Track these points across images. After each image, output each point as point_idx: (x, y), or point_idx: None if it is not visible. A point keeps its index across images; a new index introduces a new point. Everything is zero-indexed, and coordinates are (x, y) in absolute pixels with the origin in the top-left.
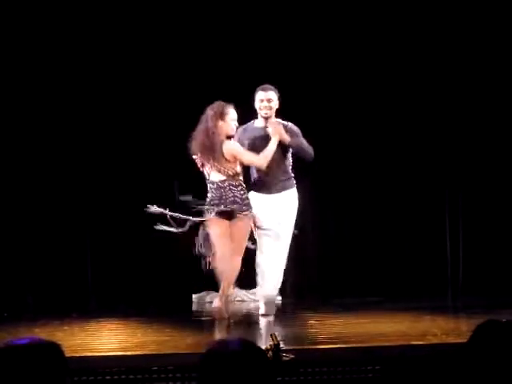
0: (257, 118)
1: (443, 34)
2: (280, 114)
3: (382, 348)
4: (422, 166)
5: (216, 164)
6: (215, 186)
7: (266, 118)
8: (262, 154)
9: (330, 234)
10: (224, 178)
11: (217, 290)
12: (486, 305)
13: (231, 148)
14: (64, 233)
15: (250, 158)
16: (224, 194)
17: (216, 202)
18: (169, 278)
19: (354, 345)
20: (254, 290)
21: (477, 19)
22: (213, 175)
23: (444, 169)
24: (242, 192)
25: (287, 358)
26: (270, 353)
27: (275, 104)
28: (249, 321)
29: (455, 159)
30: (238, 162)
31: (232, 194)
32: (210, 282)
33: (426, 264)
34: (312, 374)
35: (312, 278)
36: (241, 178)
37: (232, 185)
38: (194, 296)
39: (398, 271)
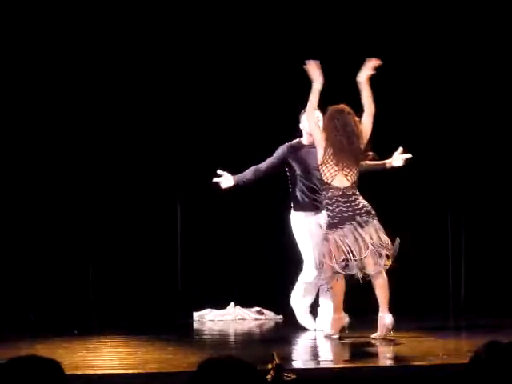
0: (299, 136)
1: (446, 60)
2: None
3: (384, 369)
4: (424, 183)
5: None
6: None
7: None
8: None
9: None
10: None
11: (218, 308)
12: (487, 325)
13: None
14: (66, 249)
15: None
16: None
17: None
18: (170, 295)
19: (356, 365)
20: (255, 309)
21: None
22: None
23: (446, 186)
24: None
25: (289, 378)
26: (272, 372)
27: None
28: (251, 339)
29: (458, 176)
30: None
31: None
32: (212, 300)
33: (427, 283)
34: None
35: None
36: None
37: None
38: (195, 314)
39: (399, 290)
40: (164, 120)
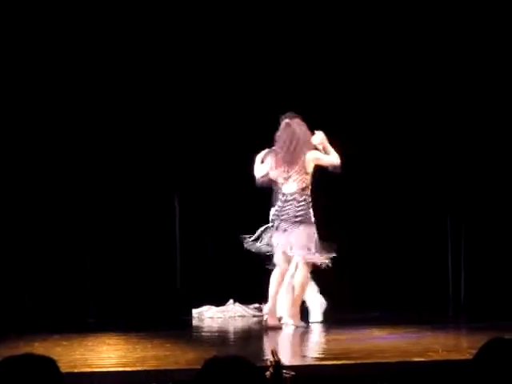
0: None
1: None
2: None
3: (384, 364)
4: (425, 185)
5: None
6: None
7: None
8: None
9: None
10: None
11: (217, 305)
12: (487, 321)
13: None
14: (64, 247)
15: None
16: None
17: None
18: (169, 292)
19: (355, 361)
20: (254, 305)
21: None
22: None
23: (447, 186)
24: None
25: (288, 375)
26: (271, 369)
27: None
28: (250, 336)
29: (458, 179)
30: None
31: None
32: (211, 297)
33: (427, 279)
34: None
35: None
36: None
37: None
38: (194, 311)
39: (399, 287)
40: (162, 117)
